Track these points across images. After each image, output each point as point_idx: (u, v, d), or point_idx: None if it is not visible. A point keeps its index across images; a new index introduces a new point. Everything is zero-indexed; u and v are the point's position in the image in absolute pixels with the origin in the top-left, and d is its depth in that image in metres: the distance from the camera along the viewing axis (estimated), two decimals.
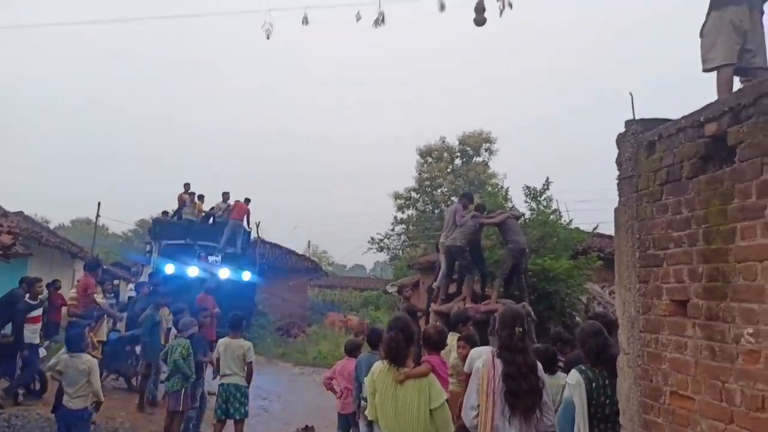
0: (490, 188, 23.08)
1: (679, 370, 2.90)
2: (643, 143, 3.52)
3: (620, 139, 3.79)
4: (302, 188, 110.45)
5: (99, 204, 25.75)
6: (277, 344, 18.61)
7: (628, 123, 3.78)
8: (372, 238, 35.52)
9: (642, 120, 3.68)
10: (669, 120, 3.39)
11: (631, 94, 3.98)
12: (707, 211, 2.80)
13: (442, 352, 5.20)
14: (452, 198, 30.81)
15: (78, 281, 9.00)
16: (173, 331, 8.69)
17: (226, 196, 18.74)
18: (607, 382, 3.54)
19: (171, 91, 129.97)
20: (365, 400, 5.21)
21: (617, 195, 3.86)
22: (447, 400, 3.52)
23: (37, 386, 8.61)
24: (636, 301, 3.40)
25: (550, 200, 12.18)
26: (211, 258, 16.90)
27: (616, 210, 3.79)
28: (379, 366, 3.59)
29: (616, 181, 3.88)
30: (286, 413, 9.92)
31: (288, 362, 16.06)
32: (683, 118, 3.12)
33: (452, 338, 6.42)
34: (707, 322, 2.72)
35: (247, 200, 18.48)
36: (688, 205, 2.98)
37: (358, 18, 8.07)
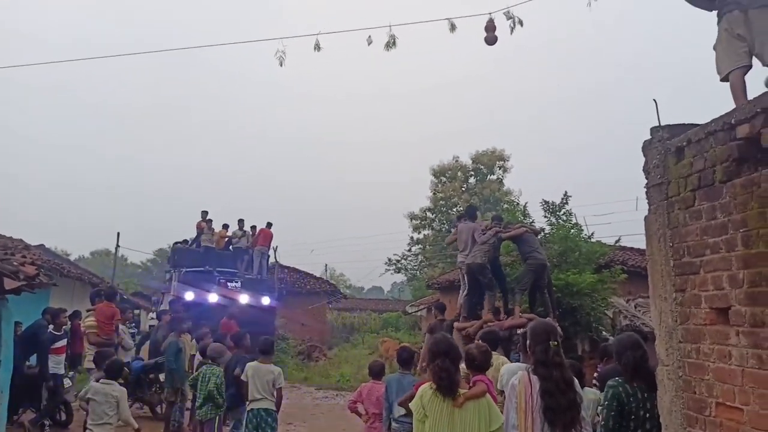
0: (506, 205, 22.97)
1: (725, 380, 2.80)
2: (671, 149, 3.46)
3: (646, 146, 3.73)
4: (318, 212, 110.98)
5: (118, 234, 25.91)
6: (299, 368, 18.52)
7: (653, 129, 3.71)
8: (389, 259, 35.56)
9: (668, 126, 3.62)
10: (696, 125, 3.33)
11: (655, 101, 3.93)
12: (745, 214, 2.73)
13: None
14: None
15: (89, 310, 9.03)
16: (197, 357, 8.65)
17: (241, 223, 19.23)
18: (646, 395, 3.43)
19: (187, 127, 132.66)
20: (396, 421, 5.13)
21: (646, 203, 3.80)
22: None
23: (63, 416, 8.59)
24: (673, 311, 3.32)
25: (570, 214, 12.10)
26: (230, 284, 16.97)
27: (647, 218, 3.72)
28: (428, 390, 3.36)
29: (645, 189, 3.81)
30: None
31: (311, 386, 15.93)
32: (713, 121, 3.06)
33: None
34: (752, 330, 2.63)
35: (269, 224, 19.13)
36: (723, 209, 2.91)
37: (370, 42, 8.16)
